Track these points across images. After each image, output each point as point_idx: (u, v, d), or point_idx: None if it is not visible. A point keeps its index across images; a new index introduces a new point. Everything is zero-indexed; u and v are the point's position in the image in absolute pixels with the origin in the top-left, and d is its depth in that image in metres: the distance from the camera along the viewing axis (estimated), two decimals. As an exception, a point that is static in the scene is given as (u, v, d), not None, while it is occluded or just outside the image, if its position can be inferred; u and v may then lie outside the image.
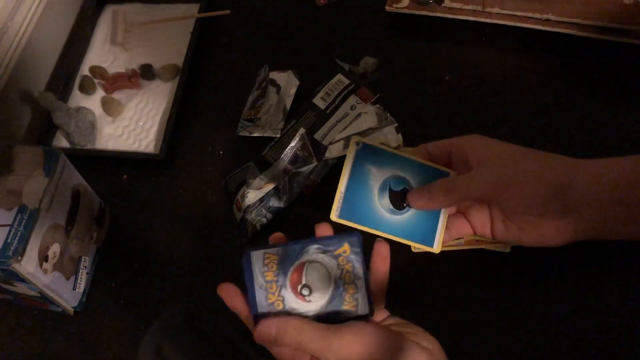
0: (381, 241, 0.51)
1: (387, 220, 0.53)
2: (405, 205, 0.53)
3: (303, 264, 0.49)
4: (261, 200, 0.64)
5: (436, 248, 0.54)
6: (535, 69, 0.72)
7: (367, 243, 0.50)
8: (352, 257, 0.50)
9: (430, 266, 0.60)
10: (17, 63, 0.78)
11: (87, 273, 0.65)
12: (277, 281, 0.49)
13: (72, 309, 0.64)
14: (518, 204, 0.52)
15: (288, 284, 0.49)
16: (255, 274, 0.49)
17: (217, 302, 0.63)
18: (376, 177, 0.53)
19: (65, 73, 0.82)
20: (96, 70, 0.81)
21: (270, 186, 0.64)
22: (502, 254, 0.60)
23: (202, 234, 0.67)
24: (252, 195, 0.64)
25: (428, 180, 0.54)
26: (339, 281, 0.50)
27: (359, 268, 0.50)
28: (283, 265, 0.49)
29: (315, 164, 0.66)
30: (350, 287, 0.50)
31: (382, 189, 0.53)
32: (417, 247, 0.54)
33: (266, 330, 0.47)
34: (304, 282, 0.49)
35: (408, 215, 0.54)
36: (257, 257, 0.49)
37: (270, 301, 0.49)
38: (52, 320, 0.65)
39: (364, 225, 0.52)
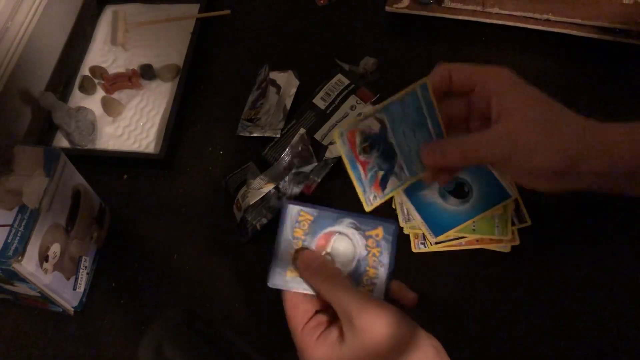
0: (413, 298, 0.51)
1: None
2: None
3: (333, 233, 0.50)
4: (261, 200, 0.64)
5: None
6: (534, 69, 0.72)
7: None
8: (383, 242, 0.51)
9: (431, 266, 0.60)
10: (18, 63, 0.78)
11: (87, 273, 0.65)
12: (304, 240, 0.50)
13: (72, 309, 0.64)
14: (526, 172, 0.51)
15: (313, 247, 0.50)
16: (285, 227, 0.50)
17: (217, 302, 0.63)
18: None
19: (66, 73, 0.82)
20: (96, 70, 0.81)
21: (270, 186, 0.64)
22: (502, 254, 0.60)
23: (202, 234, 0.67)
24: (252, 195, 0.64)
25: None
26: (362, 262, 0.50)
27: (385, 255, 0.51)
28: (314, 227, 0.50)
29: (315, 164, 0.66)
30: (371, 270, 0.50)
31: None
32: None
33: (311, 258, 0.49)
34: (328, 250, 0.50)
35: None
36: (292, 211, 0.50)
37: (291, 257, 0.49)
38: (52, 320, 0.65)
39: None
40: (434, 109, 0.51)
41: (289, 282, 0.49)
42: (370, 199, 0.51)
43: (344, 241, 0.50)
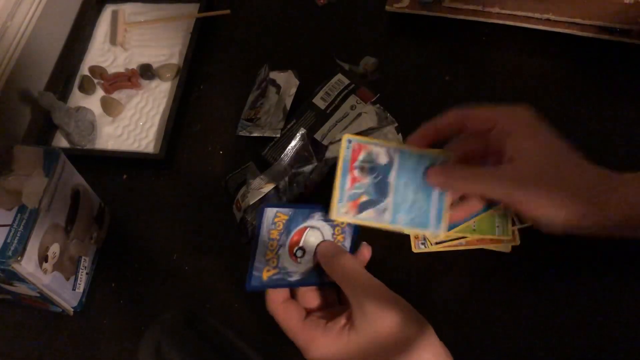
0: (366, 245, 0.53)
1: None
2: None
3: (305, 228, 0.52)
4: (261, 200, 0.64)
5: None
6: (535, 69, 0.72)
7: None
8: (347, 229, 0.54)
9: (430, 266, 0.60)
10: (17, 63, 0.78)
11: (87, 273, 0.65)
12: (278, 240, 0.51)
13: (72, 309, 0.64)
14: (537, 216, 0.51)
15: (287, 244, 0.52)
16: (262, 230, 0.51)
17: (217, 302, 0.63)
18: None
19: (65, 73, 0.82)
20: (96, 70, 0.81)
21: (270, 186, 0.64)
22: (502, 254, 0.60)
23: (202, 234, 0.67)
24: (252, 195, 0.64)
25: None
26: None
27: (347, 240, 0.54)
28: (289, 226, 0.51)
29: (315, 164, 0.66)
30: None
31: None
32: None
33: (329, 248, 0.52)
34: (301, 244, 0.52)
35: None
36: (269, 214, 0.51)
37: (267, 257, 0.51)
38: (52, 320, 0.65)
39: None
40: (443, 200, 0.53)
41: (267, 282, 0.51)
42: (342, 211, 0.51)
43: (315, 234, 0.52)
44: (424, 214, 0.52)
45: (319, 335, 0.48)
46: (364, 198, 0.51)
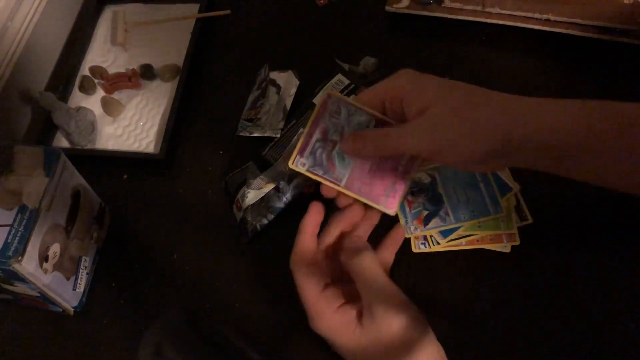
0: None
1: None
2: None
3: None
4: (261, 200, 0.64)
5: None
6: (535, 69, 0.72)
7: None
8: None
9: (430, 266, 0.60)
10: (17, 63, 0.78)
11: (87, 273, 0.65)
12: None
13: (72, 309, 0.64)
14: (452, 161, 0.50)
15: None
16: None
17: (217, 302, 0.63)
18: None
19: (66, 73, 0.82)
20: (96, 70, 0.81)
21: (270, 186, 0.64)
22: (502, 254, 0.60)
23: (202, 234, 0.67)
24: (252, 196, 0.64)
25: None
26: None
27: None
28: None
29: (315, 164, 0.66)
30: None
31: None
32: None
33: (355, 243, 0.54)
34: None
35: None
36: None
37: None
38: (52, 320, 0.65)
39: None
40: (491, 185, 0.61)
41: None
42: (412, 229, 0.61)
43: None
44: (480, 204, 0.60)
45: (330, 314, 0.51)
46: (425, 213, 0.61)
